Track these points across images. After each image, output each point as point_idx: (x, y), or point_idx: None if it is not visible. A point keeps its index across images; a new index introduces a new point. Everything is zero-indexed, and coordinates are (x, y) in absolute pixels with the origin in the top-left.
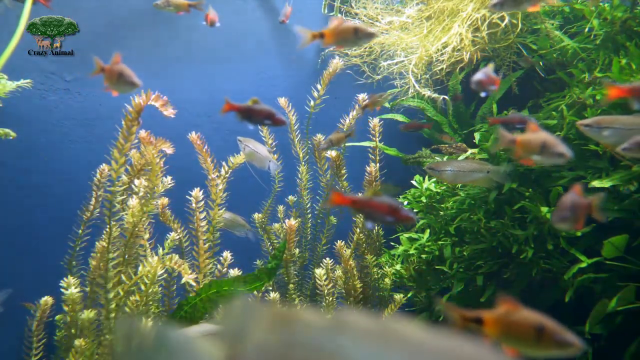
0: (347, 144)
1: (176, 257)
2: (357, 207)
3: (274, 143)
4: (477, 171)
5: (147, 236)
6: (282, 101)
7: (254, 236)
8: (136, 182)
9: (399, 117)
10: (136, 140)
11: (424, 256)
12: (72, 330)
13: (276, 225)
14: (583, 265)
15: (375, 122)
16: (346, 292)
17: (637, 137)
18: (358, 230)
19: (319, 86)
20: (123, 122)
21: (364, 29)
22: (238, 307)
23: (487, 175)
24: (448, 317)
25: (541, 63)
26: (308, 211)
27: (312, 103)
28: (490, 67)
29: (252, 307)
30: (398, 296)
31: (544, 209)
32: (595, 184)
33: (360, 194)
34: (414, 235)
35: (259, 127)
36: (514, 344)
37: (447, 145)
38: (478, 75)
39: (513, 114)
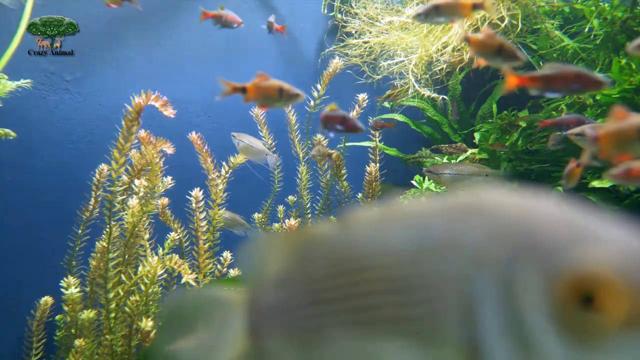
0: (347, 144)
1: (176, 257)
2: None
3: (273, 143)
4: (475, 174)
5: (147, 236)
6: None
7: (254, 235)
8: (136, 182)
9: (399, 117)
10: (136, 141)
11: None
12: (72, 330)
13: (276, 225)
14: None
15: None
16: None
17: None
18: None
19: (319, 86)
20: (123, 122)
21: (509, 49)
22: (251, 249)
23: (485, 179)
24: None
25: (541, 63)
26: (308, 211)
27: (312, 103)
28: None
29: (265, 243)
30: None
31: None
32: (595, 184)
33: None
34: None
35: (258, 126)
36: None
37: (447, 146)
38: None
39: (568, 114)
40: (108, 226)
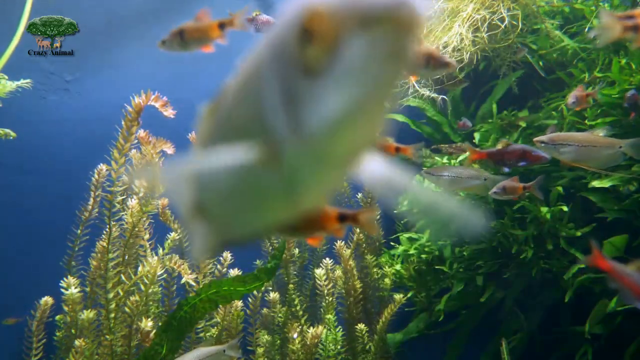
0: None
1: (176, 257)
2: (615, 277)
3: None
4: (474, 178)
5: (147, 236)
6: None
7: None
8: (136, 182)
9: (399, 117)
10: (136, 141)
11: (424, 256)
12: (72, 330)
13: None
14: (583, 265)
15: None
16: (346, 292)
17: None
18: (358, 230)
19: None
20: (123, 122)
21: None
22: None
23: (484, 183)
24: None
25: (541, 63)
26: None
27: None
28: None
29: (201, 116)
30: (398, 296)
31: (544, 209)
32: (595, 184)
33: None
34: (414, 236)
35: None
36: None
37: (447, 145)
38: None
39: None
40: (108, 226)
